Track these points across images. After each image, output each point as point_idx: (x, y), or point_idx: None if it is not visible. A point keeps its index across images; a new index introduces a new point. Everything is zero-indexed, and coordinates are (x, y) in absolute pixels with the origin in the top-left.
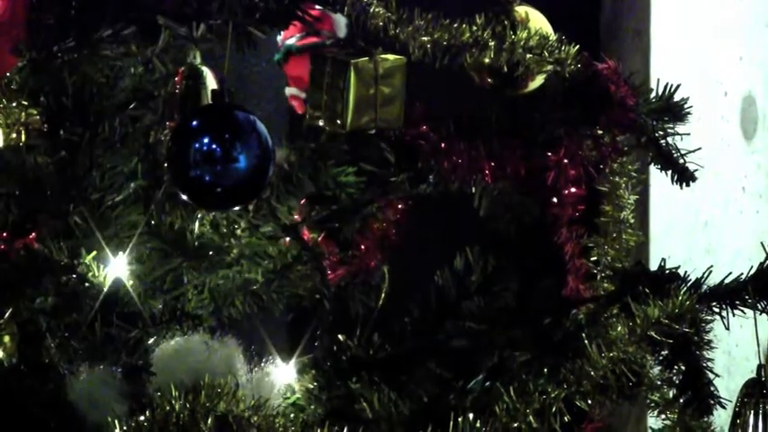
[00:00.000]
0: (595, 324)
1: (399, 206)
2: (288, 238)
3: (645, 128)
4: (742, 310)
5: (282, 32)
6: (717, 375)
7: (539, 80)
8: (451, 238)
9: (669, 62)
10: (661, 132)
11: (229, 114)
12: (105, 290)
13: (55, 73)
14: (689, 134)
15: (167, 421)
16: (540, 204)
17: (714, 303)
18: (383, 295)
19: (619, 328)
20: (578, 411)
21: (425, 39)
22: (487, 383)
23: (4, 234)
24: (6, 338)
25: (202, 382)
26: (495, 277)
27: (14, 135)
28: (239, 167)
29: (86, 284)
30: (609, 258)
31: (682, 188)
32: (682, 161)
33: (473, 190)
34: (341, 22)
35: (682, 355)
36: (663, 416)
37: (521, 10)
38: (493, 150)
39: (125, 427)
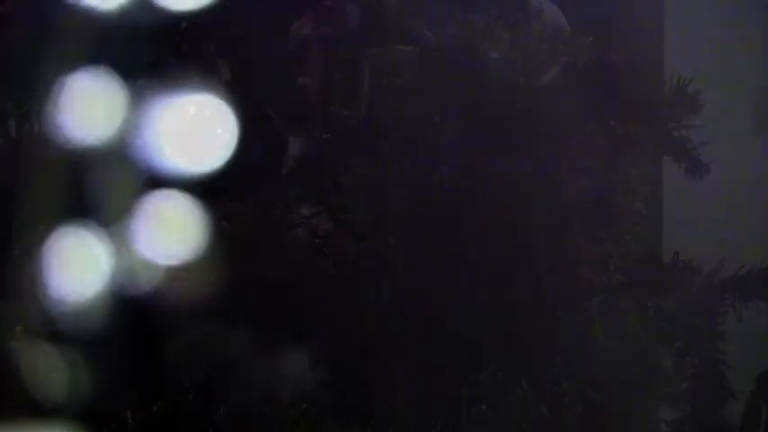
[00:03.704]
0: (609, 316)
1: (411, 196)
2: (301, 228)
3: (658, 120)
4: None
5: (296, 22)
6: (729, 367)
7: (552, 72)
8: (464, 228)
9: (683, 55)
10: (674, 124)
11: (243, 105)
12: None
13: None
14: (702, 126)
15: (180, 410)
16: (553, 196)
17: (727, 295)
18: (395, 285)
19: (632, 320)
20: (591, 402)
21: (439, 30)
22: (500, 375)
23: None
24: None
25: (215, 371)
26: (508, 268)
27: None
28: (253, 158)
29: None
30: (622, 250)
31: (695, 180)
32: (694, 153)
33: (485, 181)
34: (354, 12)
35: (694, 346)
36: (676, 407)
37: (534, 1)
38: (506, 141)
39: (137, 417)
